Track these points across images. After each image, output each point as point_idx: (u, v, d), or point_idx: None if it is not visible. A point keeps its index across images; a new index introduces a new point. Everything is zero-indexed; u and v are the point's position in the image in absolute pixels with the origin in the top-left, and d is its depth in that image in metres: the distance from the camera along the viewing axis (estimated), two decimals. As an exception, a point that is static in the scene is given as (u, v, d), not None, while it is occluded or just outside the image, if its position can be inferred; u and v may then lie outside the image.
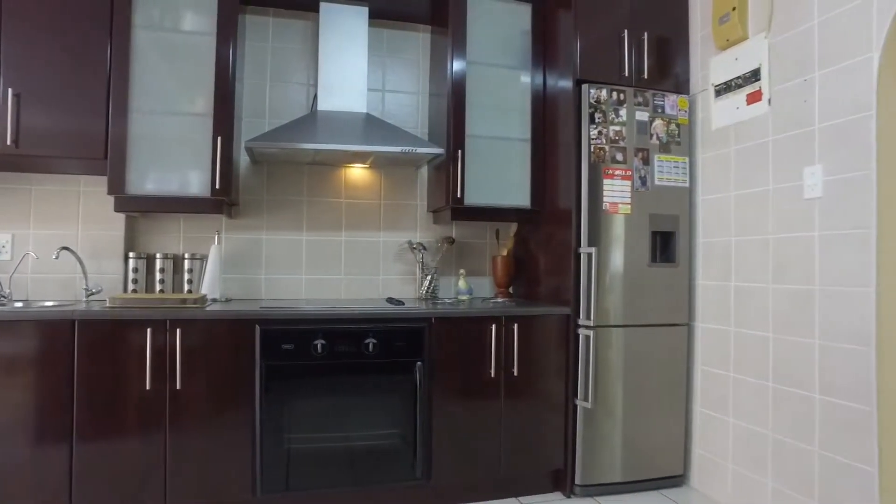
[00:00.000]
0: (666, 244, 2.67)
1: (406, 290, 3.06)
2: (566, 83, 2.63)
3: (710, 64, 2.63)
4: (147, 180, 2.41)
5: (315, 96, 2.85)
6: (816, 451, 2.09)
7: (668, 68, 2.73)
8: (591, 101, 2.51)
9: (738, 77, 2.46)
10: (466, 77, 2.75)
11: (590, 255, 2.51)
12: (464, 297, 2.94)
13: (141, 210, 2.52)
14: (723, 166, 2.56)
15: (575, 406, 2.53)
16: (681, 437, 2.66)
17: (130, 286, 2.63)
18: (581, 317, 2.53)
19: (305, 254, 2.95)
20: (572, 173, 2.56)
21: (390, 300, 2.74)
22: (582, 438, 2.50)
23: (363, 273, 3.01)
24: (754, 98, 2.38)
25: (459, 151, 2.69)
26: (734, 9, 2.42)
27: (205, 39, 2.47)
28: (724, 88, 2.54)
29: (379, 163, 2.91)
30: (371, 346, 2.32)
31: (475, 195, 2.75)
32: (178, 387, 2.13)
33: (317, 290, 2.95)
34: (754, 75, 2.38)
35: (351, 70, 2.77)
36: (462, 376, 2.40)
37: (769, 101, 2.32)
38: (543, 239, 2.82)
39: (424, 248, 3.01)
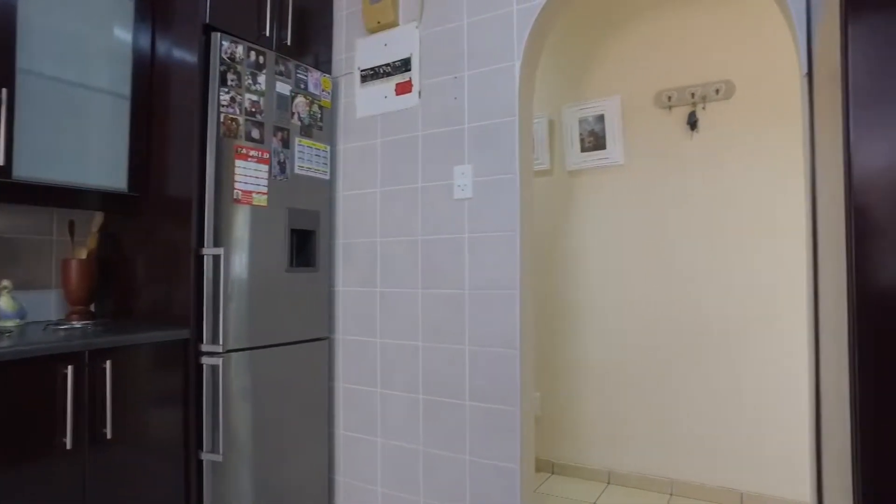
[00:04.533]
0: (304, 245, 2.29)
1: None
2: (190, 26, 1.94)
3: (356, 45, 2.36)
4: None
5: None
6: (467, 459, 2.03)
7: (311, 41, 2.35)
8: (225, 56, 1.92)
9: (388, 64, 2.26)
10: (18, -18, 1.76)
11: (217, 257, 1.91)
12: (10, 324, 1.89)
13: None
14: (368, 159, 2.33)
15: (201, 462, 1.88)
16: (324, 468, 2.30)
17: None
18: (205, 341, 1.90)
19: None
20: (194, 148, 1.90)
21: None
22: (211, 501, 1.87)
23: None
24: (404, 89, 2.22)
25: (4, 91, 1.69)
26: (385, -11, 2.22)
27: None
28: (372, 74, 2.31)
29: None
30: None
31: (33, 165, 1.78)
32: None
33: None
34: (405, 65, 2.22)
35: None
36: (7, 462, 1.45)
37: (419, 93, 2.19)
38: (146, 235, 2.05)
39: (-71, 247, 1.82)
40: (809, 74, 1.59)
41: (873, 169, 1.04)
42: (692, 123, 2.64)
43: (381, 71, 2.28)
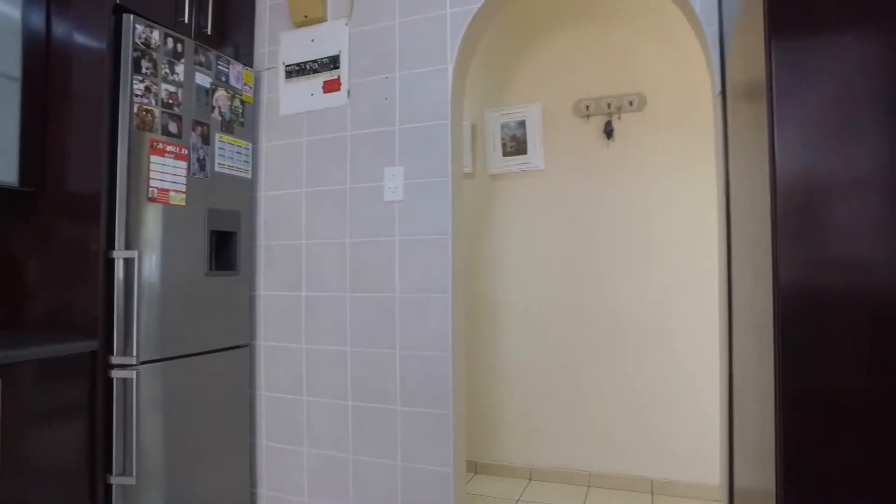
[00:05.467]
0: (224, 248, 2.16)
1: None
2: (97, 6, 1.76)
3: (280, 39, 2.27)
4: None
5: None
6: (399, 465, 2.00)
7: (232, 31, 2.22)
8: (139, 41, 1.76)
9: (315, 61, 2.19)
10: None
11: (129, 261, 1.75)
12: None
13: None
14: (293, 158, 2.24)
15: (110, 486, 1.71)
16: (246, 482, 2.18)
17: None
18: (116, 352, 1.74)
19: None
20: (103, 140, 1.73)
21: None
22: (118, 529, 1.71)
23: None
24: (332, 87, 2.16)
25: None
26: (313, -18, 2.14)
27: None
28: (298, 70, 2.22)
29: None
30: None
31: None
32: None
33: None
34: (333, 62, 2.15)
35: None
36: None
37: (349, 92, 2.14)
38: (42, 236, 1.83)
39: None
40: (723, 93, 1.73)
41: (797, 179, 1.14)
42: (608, 132, 2.78)
43: (308, 67, 2.20)
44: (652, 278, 2.71)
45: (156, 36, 1.82)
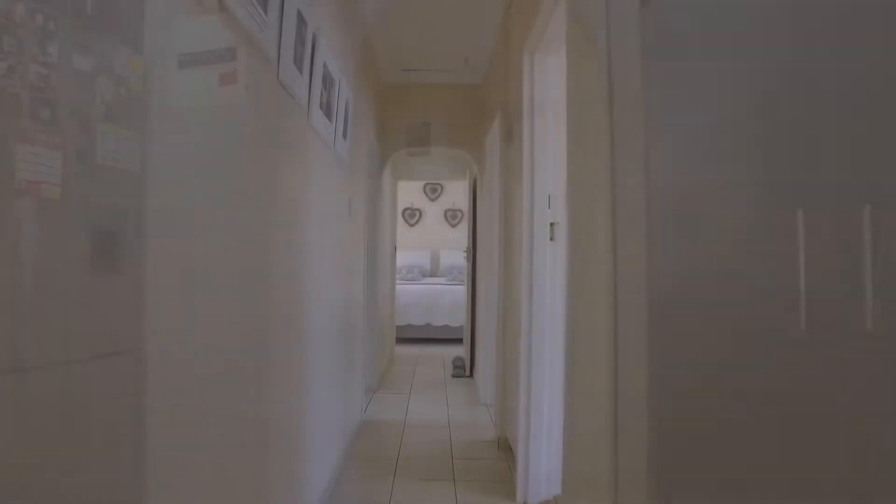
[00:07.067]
0: (110, 247, 2.00)
1: None
2: (-51, -27, 1.58)
3: (172, 25, 2.14)
4: None
5: None
6: (296, 473, 1.94)
7: (117, 13, 2.07)
8: None
9: (212, 51, 2.09)
10: None
11: (-11, 259, 1.58)
12: None
13: None
14: (186, 152, 2.13)
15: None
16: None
17: None
18: (-30, 359, 1.56)
19: None
20: (-44, 125, 1.56)
21: None
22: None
23: None
24: (229, 80, 2.07)
25: None
26: (209, -32, 2.04)
27: None
28: (192, 60, 2.11)
29: None
30: None
31: None
32: None
33: None
34: (231, 54, 2.07)
35: None
36: None
37: (245, 86, 2.06)
38: None
39: None
40: (610, 102, 1.81)
41: (668, 193, 1.21)
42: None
43: (203, 58, 2.09)
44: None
45: (20, 9, 1.65)
